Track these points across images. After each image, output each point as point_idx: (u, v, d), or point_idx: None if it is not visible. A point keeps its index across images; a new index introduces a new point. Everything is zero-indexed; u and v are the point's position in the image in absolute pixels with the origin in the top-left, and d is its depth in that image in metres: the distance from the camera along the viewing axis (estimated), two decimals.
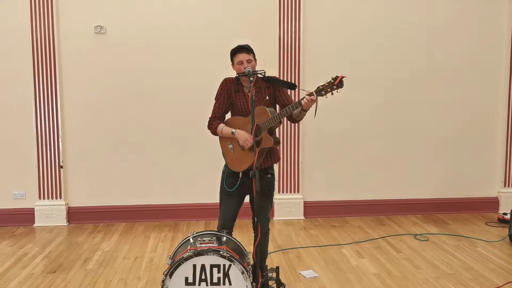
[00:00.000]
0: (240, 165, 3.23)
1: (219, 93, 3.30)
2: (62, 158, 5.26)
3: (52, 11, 5.08)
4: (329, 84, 2.90)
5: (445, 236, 4.90)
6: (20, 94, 5.17)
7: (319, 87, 2.93)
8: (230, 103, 3.31)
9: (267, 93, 3.27)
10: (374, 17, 5.47)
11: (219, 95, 3.30)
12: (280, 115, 3.06)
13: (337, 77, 2.87)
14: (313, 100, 2.94)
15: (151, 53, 5.27)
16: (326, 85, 2.91)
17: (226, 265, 2.86)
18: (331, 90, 2.89)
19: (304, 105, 2.98)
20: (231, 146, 3.26)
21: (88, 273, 3.93)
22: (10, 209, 5.26)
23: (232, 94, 3.26)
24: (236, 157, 3.25)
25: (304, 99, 2.96)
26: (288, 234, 4.97)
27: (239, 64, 3.19)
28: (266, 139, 3.11)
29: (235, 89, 3.26)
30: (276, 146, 3.22)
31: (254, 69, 3.22)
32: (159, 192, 5.42)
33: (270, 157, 3.29)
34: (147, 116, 5.33)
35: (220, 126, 3.26)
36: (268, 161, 3.27)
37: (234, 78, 3.29)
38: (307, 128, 5.47)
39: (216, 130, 3.28)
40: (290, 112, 3.04)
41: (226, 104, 3.30)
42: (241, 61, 3.18)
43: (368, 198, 5.68)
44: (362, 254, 4.38)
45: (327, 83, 2.91)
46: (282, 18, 5.31)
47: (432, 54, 5.58)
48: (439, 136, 5.69)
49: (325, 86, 2.91)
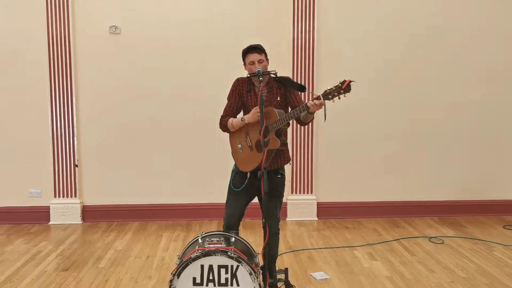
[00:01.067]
0: (248, 165, 3.21)
1: (231, 93, 3.31)
2: (77, 157, 5.31)
3: (68, 12, 5.14)
4: (337, 88, 2.87)
5: (461, 239, 4.81)
6: (37, 94, 5.24)
7: (326, 91, 2.91)
8: (241, 103, 3.31)
9: (278, 94, 3.24)
10: (389, 16, 5.39)
11: (230, 95, 3.31)
12: (287, 117, 3.04)
13: (345, 81, 2.85)
14: (320, 104, 2.92)
15: (165, 53, 5.28)
16: (333, 89, 2.88)
17: (234, 266, 2.85)
18: (338, 94, 2.87)
19: (311, 109, 2.96)
20: (240, 146, 3.25)
21: (100, 271, 3.96)
22: (26, 207, 5.33)
23: (244, 94, 3.26)
24: (244, 157, 3.24)
25: (310, 103, 2.94)
26: (301, 235, 4.93)
27: (251, 65, 3.19)
28: (273, 140, 3.10)
29: (247, 89, 3.26)
30: (283, 148, 3.19)
31: (265, 69, 3.21)
32: (173, 192, 5.44)
33: (280, 158, 3.26)
34: (162, 115, 5.35)
35: (230, 120, 3.27)
36: (277, 162, 3.25)
37: (246, 78, 3.28)
38: (320, 128, 5.42)
39: (227, 124, 3.28)
40: (297, 115, 3.03)
41: (238, 104, 3.30)
42: (253, 62, 3.17)
43: (382, 200, 5.60)
44: (375, 256, 4.32)
45: (334, 87, 2.88)
46: (296, 17, 5.27)
47: (450, 52, 5.47)
48: (456, 137, 5.59)
49: (332, 90, 2.89)
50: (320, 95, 2.92)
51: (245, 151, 3.23)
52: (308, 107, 2.95)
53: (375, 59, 5.44)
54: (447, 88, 5.52)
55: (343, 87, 2.84)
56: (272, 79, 3.25)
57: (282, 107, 3.24)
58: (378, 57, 5.44)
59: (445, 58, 5.48)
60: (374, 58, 5.44)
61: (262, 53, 3.22)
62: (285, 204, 5.46)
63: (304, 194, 5.50)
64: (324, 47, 5.36)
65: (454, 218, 5.54)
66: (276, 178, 3.23)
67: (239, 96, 3.28)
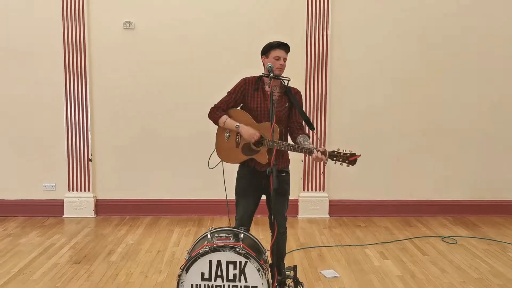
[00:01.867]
0: (225, 156, 3.26)
1: (234, 89, 3.25)
2: (91, 151, 5.36)
3: (83, 7, 5.18)
4: (344, 156, 2.96)
5: (475, 239, 4.74)
6: (52, 89, 5.30)
7: (333, 152, 2.97)
8: (241, 103, 3.27)
9: (287, 101, 3.22)
10: (406, 13, 5.33)
11: (233, 91, 3.26)
12: (286, 146, 3.05)
13: (354, 155, 2.94)
14: (322, 160, 2.95)
15: (179, 48, 5.30)
16: (341, 155, 2.96)
17: (242, 262, 2.83)
18: (343, 161, 2.96)
19: (312, 157, 2.99)
20: (227, 135, 3.24)
21: (111, 265, 4.00)
22: (41, 200, 5.41)
23: (249, 94, 3.21)
24: (226, 147, 3.25)
25: (314, 153, 2.96)
26: (312, 233, 4.91)
27: (275, 59, 3.13)
28: (262, 155, 3.12)
29: (254, 88, 3.21)
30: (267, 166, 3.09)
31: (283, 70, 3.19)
32: (185, 187, 5.45)
33: (282, 160, 3.25)
34: (175, 110, 5.37)
35: (223, 117, 3.21)
36: (281, 163, 3.22)
37: (254, 78, 3.24)
38: (333, 125, 5.39)
39: (219, 120, 3.23)
40: (296, 151, 3.06)
41: (237, 102, 3.26)
42: (279, 57, 3.13)
43: (396, 198, 5.55)
44: (386, 255, 4.28)
45: (342, 153, 2.96)
46: (310, 14, 5.24)
47: (467, 52, 5.39)
48: (472, 136, 5.51)
49: (339, 155, 2.96)
50: (327, 153, 2.96)
51: (230, 143, 3.23)
52: (311, 154, 2.99)
53: (390, 58, 5.38)
54: (463, 87, 5.44)
55: (350, 159, 2.94)
56: (283, 85, 3.22)
57: (286, 116, 3.22)
58: (393, 56, 5.38)
59: (462, 58, 5.41)
60: (389, 56, 5.38)
61: (287, 53, 3.20)
62: (297, 201, 5.45)
63: (316, 192, 5.47)
64: (338, 45, 5.32)
65: (468, 218, 5.47)
66: (281, 176, 3.21)
67: (241, 96, 3.23)
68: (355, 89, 5.41)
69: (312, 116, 5.34)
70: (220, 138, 3.29)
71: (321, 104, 5.34)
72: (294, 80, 3.32)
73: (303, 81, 5.29)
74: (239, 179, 3.31)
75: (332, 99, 5.38)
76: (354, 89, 5.41)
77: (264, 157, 3.12)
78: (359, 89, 5.41)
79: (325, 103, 5.34)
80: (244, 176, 3.28)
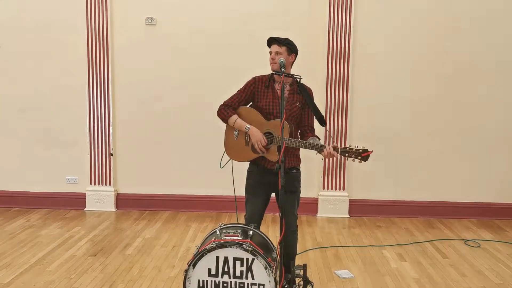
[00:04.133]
0: (235, 155, 3.24)
1: (244, 88, 3.24)
2: (112, 146, 5.43)
3: (106, 3, 5.24)
4: (356, 152, 2.91)
5: (499, 243, 4.57)
6: (75, 84, 5.38)
7: (345, 149, 2.94)
8: (250, 101, 3.25)
9: (298, 100, 3.17)
10: (430, 8, 5.17)
11: (242, 90, 3.24)
12: (296, 143, 3.01)
13: (366, 151, 2.90)
14: (334, 155, 2.93)
15: (200, 44, 5.30)
16: (352, 151, 2.92)
17: (249, 259, 2.81)
18: (355, 157, 2.92)
19: (323, 154, 2.97)
20: (236, 133, 3.22)
21: (126, 258, 4.03)
22: (63, 193, 5.52)
23: (260, 91, 3.18)
24: (235, 146, 3.23)
25: (325, 149, 2.94)
26: (330, 232, 4.84)
27: (270, 55, 3.13)
28: (273, 153, 3.08)
29: (265, 85, 3.18)
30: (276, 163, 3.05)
31: (288, 63, 3.15)
32: (204, 183, 5.45)
33: (293, 158, 3.21)
34: (195, 107, 5.37)
35: (233, 117, 3.20)
36: (290, 162, 3.18)
37: (266, 76, 3.21)
38: (354, 122, 5.29)
39: (229, 119, 3.22)
40: (307, 148, 3.01)
41: (247, 101, 3.24)
42: (270, 52, 3.14)
43: (418, 199, 5.41)
44: (404, 257, 4.17)
45: (355, 149, 2.92)
46: (332, 12, 5.15)
47: (494, 46, 5.20)
48: (500, 137, 5.31)
49: (351, 151, 2.92)
50: (339, 148, 2.93)
51: (239, 142, 3.21)
52: (322, 150, 2.96)
53: (415, 53, 5.24)
54: (494, 85, 5.25)
55: (362, 155, 2.89)
56: (295, 83, 3.18)
57: (297, 115, 3.17)
58: (417, 52, 5.24)
59: (489, 53, 5.21)
60: (413, 52, 5.24)
61: (283, 46, 3.14)
62: (316, 200, 5.38)
63: (336, 191, 5.39)
64: (360, 40, 5.22)
65: (494, 221, 5.28)
66: (291, 173, 3.17)
67: (251, 94, 3.21)
68: (378, 85, 5.29)
69: (333, 113, 5.24)
70: (229, 136, 3.28)
71: (343, 100, 5.25)
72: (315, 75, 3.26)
73: (324, 76, 5.21)
74: (248, 177, 3.30)
75: (354, 95, 5.27)
76: (377, 85, 5.29)
77: (274, 155, 3.08)
78: (383, 85, 5.29)
79: (346, 100, 5.25)
80: (254, 174, 3.26)
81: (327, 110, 5.25)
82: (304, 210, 5.14)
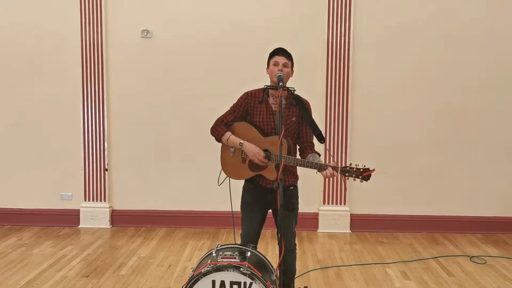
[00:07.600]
0: (232, 172, 3.12)
1: (237, 105, 3.11)
2: (107, 161, 5.30)
3: (101, 16, 5.14)
4: (357, 171, 2.76)
5: (506, 259, 4.42)
6: (69, 98, 5.26)
7: (345, 168, 2.79)
8: (244, 118, 3.12)
9: (294, 114, 3.05)
10: (432, 17, 5.08)
11: (235, 107, 3.12)
12: (294, 161, 2.87)
13: (368, 170, 2.75)
14: (334, 176, 2.80)
15: (197, 56, 5.19)
16: (353, 170, 2.77)
17: (247, 283, 2.67)
18: (356, 177, 2.77)
19: (322, 174, 2.83)
20: (232, 150, 3.09)
21: (120, 279, 3.88)
22: (57, 210, 5.37)
23: (253, 107, 3.05)
24: (232, 163, 3.11)
25: (326, 171, 2.80)
26: (331, 249, 4.69)
27: (274, 65, 3.00)
28: (271, 171, 2.95)
29: (259, 100, 3.04)
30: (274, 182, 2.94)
31: (288, 77, 3.04)
32: (201, 199, 5.31)
33: (290, 177, 3.08)
34: (192, 121, 5.24)
35: (226, 135, 3.08)
36: (287, 181, 3.05)
37: (258, 90, 3.09)
38: (356, 135, 5.17)
39: (222, 137, 3.10)
40: (306, 166, 2.87)
41: (242, 116, 3.12)
42: (277, 62, 3.00)
43: (422, 214, 5.26)
44: (408, 275, 4.02)
45: (355, 169, 2.77)
46: (331, 17, 5.06)
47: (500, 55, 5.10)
48: (505, 149, 5.19)
49: (352, 170, 2.78)
50: (338, 168, 2.79)
51: (235, 159, 3.09)
52: (321, 169, 2.82)
53: (415, 64, 5.14)
54: (498, 96, 5.13)
55: (363, 174, 2.75)
56: (291, 96, 3.05)
57: (294, 130, 3.05)
58: (419, 62, 5.14)
59: (496, 63, 5.11)
60: (414, 62, 5.14)
61: (290, 60, 3.04)
62: (316, 215, 5.25)
63: (337, 205, 5.25)
64: (360, 49, 5.12)
65: (499, 236, 5.13)
66: (288, 190, 3.03)
67: (244, 110, 3.08)
68: (379, 96, 5.17)
69: (333, 125, 5.12)
70: (225, 153, 3.16)
71: (343, 112, 5.13)
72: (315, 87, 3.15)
73: (323, 88, 5.10)
74: (244, 194, 3.17)
75: (354, 107, 5.16)
76: (378, 96, 5.17)
77: (272, 173, 2.95)
78: (383, 96, 5.17)
79: (346, 111, 5.13)
80: (249, 191, 3.13)
81: (326, 124, 5.11)
82: (304, 226, 4.99)
